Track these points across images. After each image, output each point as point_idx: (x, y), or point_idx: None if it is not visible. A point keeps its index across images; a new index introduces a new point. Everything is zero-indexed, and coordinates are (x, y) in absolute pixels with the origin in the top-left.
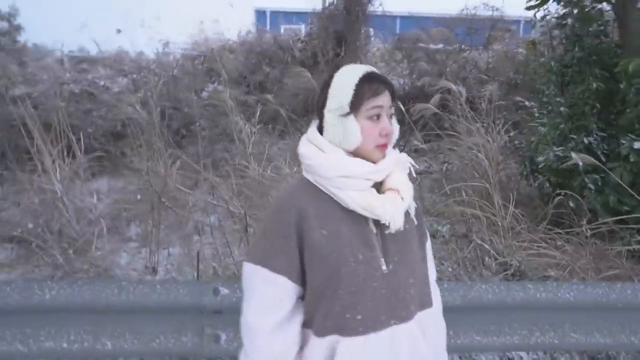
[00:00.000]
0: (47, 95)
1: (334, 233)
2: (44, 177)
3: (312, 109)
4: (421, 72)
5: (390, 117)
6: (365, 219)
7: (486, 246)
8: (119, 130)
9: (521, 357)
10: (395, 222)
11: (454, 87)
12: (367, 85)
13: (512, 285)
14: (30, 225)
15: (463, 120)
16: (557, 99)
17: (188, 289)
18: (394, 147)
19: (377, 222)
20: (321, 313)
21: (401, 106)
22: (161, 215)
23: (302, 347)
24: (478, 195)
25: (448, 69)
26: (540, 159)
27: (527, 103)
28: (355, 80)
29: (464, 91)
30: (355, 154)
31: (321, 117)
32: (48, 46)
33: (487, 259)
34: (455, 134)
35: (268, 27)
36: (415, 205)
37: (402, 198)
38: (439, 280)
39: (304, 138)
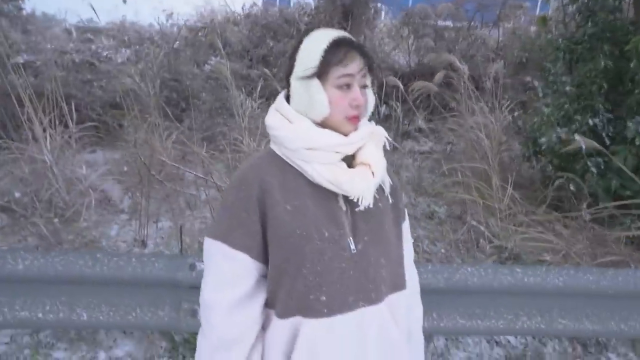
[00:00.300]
0: (48, 64)
1: (298, 209)
2: (35, 147)
3: None
4: (428, 49)
5: (364, 87)
6: (334, 195)
7: (481, 228)
8: (118, 101)
9: (509, 341)
10: (364, 198)
11: (457, 63)
12: (337, 51)
13: (500, 269)
14: (17, 195)
15: (466, 99)
16: (564, 78)
17: (164, 263)
18: (370, 120)
19: (347, 199)
20: (284, 293)
21: (400, 85)
22: (153, 188)
23: (264, 328)
24: (477, 176)
25: (457, 47)
26: (542, 140)
27: (535, 83)
28: (324, 45)
29: (466, 68)
30: (324, 125)
31: (289, 85)
32: (56, 16)
33: (481, 241)
34: (459, 113)
35: (278, 1)
36: (391, 183)
37: (372, 173)
38: (429, 261)
39: (271, 108)
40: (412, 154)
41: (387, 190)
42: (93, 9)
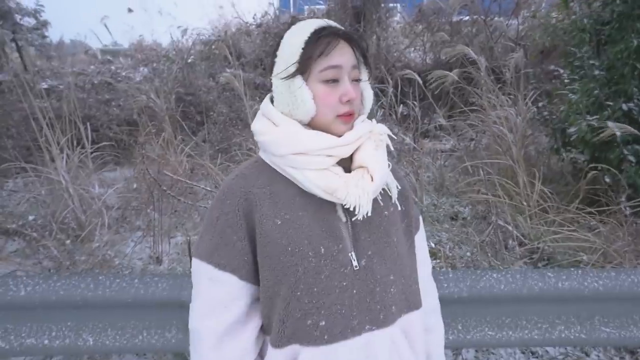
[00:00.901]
0: (69, 87)
1: (289, 222)
2: (52, 168)
3: None
4: (443, 44)
5: (357, 81)
6: (331, 204)
7: (509, 228)
8: (135, 119)
9: (546, 351)
10: (361, 206)
11: (473, 54)
12: (319, 42)
13: (530, 274)
14: (30, 217)
15: (486, 92)
16: (591, 62)
17: (167, 283)
18: (369, 117)
19: (347, 209)
20: (278, 318)
21: (417, 77)
22: (165, 203)
23: (261, 356)
24: (502, 173)
25: (475, 40)
26: (571, 130)
27: (561, 71)
28: (304, 36)
29: (483, 60)
30: (314, 127)
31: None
32: (83, 41)
33: (510, 242)
34: (479, 108)
35: (292, 9)
36: (399, 187)
37: (371, 177)
38: (453, 267)
39: (259, 112)
40: (432, 152)
41: (395, 195)
42: (107, 29)
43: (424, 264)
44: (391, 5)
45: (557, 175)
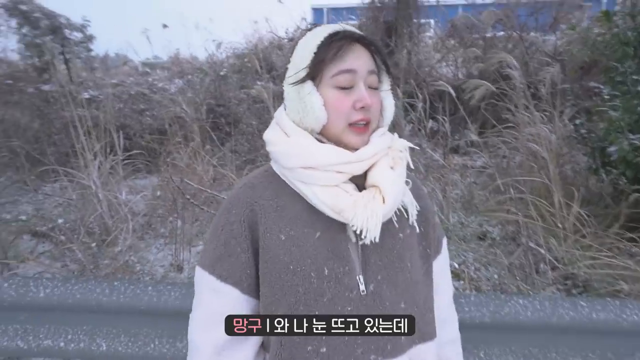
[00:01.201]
0: (108, 98)
1: (294, 239)
2: (85, 173)
3: None
4: (476, 60)
5: (375, 88)
6: (341, 224)
7: (541, 251)
8: (167, 129)
9: None
10: (368, 230)
11: (514, 62)
12: (332, 45)
13: (560, 302)
14: (60, 221)
15: (521, 109)
16: (635, 77)
17: (180, 292)
18: (390, 130)
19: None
20: (276, 340)
21: (450, 89)
22: (189, 211)
23: None
24: (535, 192)
25: (509, 55)
26: (611, 149)
27: (602, 88)
28: (317, 40)
29: (517, 74)
30: (326, 136)
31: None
32: (122, 54)
33: (542, 266)
34: (513, 125)
35: (325, 22)
36: (418, 208)
37: (383, 199)
38: (478, 290)
39: (273, 121)
40: (462, 169)
41: (413, 217)
42: (149, 41)
43: (443, 292)
44: (423, 20)
45: (596, 196)
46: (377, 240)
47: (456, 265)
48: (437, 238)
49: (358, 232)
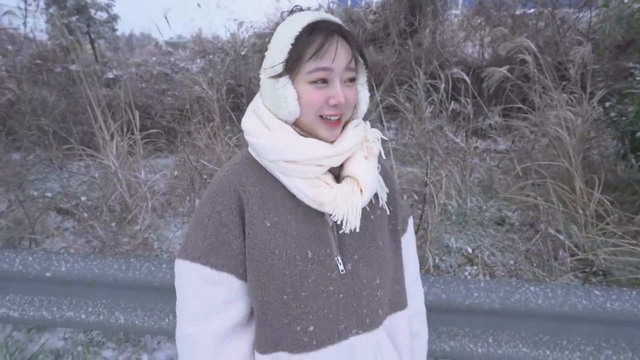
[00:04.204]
0: (131, 77)
1: (278, 225)
2: (104, 153)
3: (379, 82)
4: (504, 38)
5: (351, 81)
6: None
7: (561, 237)
8: (187, 109)
9: None
10: (349, 221)
11: (533, 47)
12: (310, 41)
13: (573, 290)
14: (83, 198)
15: (548, 90)
16: None
17: None
18: (364, 119)
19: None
20: (264, 324)
21: (466, 77)
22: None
23: None
24: (559, 178)
25: (540, 34)
26: None
27: (638, 67)
28: (295, 32)
29: (543, 55)
30: (299, 126)
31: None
32: (146, 33)
33: (561, 252)
34: (538, 107)
35: (348, 2)
36: (387, 190)
37: (361, 190)
38: (491, 275)
39: (249, 108)
40: (483, 152)
41: (384, 200)
42: (167, 22)
43: (409, 268)
44: None
45: (623, 183)
46: (357, 230)
47: (470, 250)
48: (403, 218)
49: (339, 223)
